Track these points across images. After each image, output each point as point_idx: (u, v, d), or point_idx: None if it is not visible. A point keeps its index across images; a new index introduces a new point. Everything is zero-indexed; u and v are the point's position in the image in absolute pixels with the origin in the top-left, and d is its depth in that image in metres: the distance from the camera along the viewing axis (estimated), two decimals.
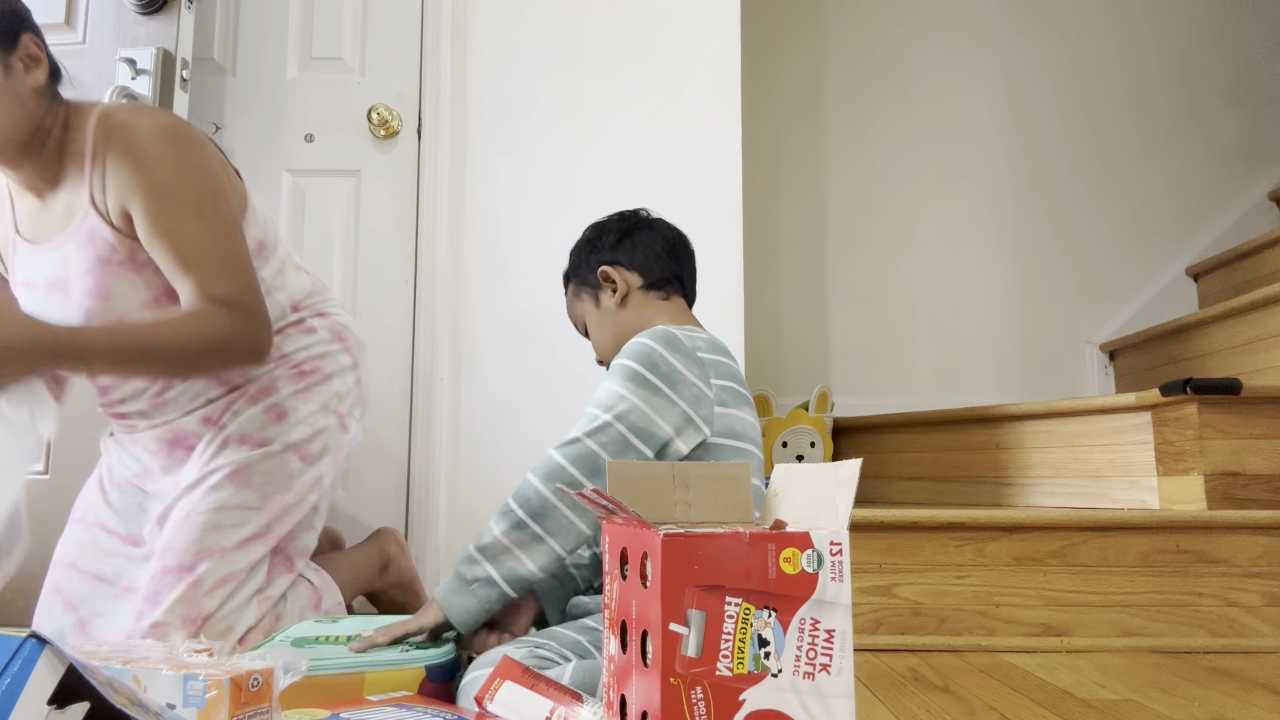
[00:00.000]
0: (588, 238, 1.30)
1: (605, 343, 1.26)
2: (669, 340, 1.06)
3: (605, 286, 1.25)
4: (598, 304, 1.26)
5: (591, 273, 1.26)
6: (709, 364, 1.08)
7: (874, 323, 2.85)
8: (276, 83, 2.01)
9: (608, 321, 1.25)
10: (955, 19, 2.93)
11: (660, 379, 1.03)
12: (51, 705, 0.48)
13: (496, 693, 0.80)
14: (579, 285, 1.29)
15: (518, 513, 0.98)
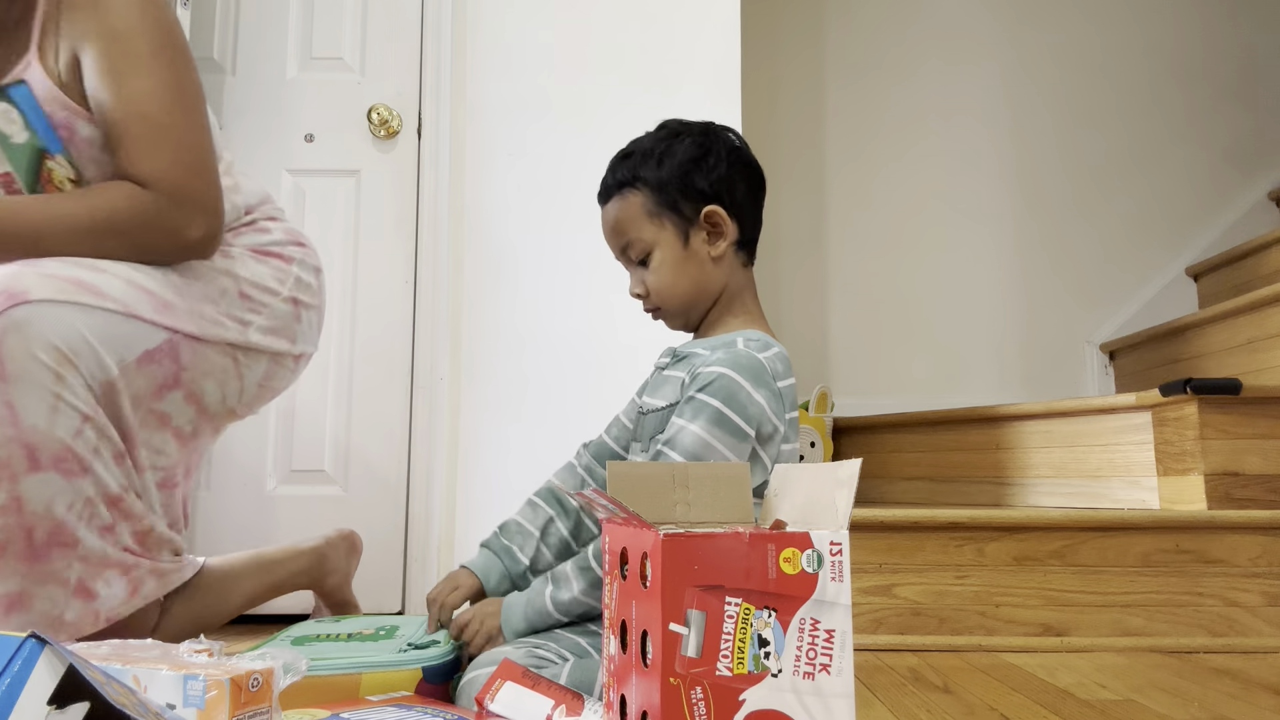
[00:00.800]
0: (691, 155, 1.05)
1: (681, 294, 1.07)
2: (757, 374, 0.97)
3: (703, 227, 1.05)
4: (685, 242, 1.05)
5: (690, 200, 1.04)
6: (785, 394, 1.00)
7: (874, 322, 2.85)
8: (276, 82, 2.00)
9: (692, 270, 1.06)
10: (955, 19, 2.93)
11: (746, 421, 0.95)
12: (51, 705, 0.48)
13: (497, 693, 0.80)
14: (661, 204, 1.05)
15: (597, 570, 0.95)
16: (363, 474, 1.91)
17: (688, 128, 1.09)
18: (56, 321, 0.97)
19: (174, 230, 1.06)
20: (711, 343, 1.08)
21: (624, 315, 1.96)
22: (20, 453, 0.95)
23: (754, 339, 1.03)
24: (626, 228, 1.06)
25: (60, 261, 1.02)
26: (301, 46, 2.03)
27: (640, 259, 1.07)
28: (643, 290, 1.08)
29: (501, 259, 2.00)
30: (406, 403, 1.93)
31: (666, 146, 1.06)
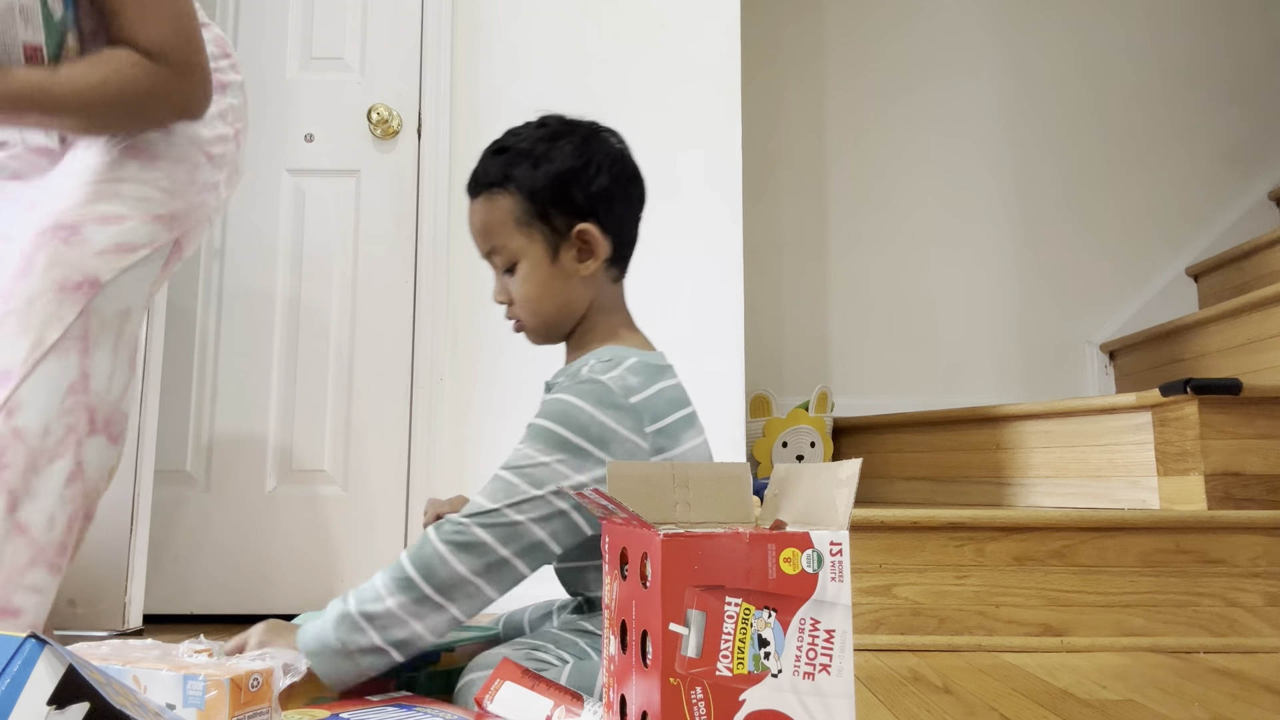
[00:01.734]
0: (571, 164, 0.98)
1: (542, 310, 1.01)
2: (600, 397, 0.92)
3: (574, 244, 0.99)
4: (555, 257, 0.99)
5: (563, 214, 0.98)
6: (643, 406, 0.94)
7: (874, 323, 2.85)
8: (276, 83, 2.00)
9: (558, 288, 1.00)
10: (955, 19, 2.93)
11: (591, 442, 0.90)
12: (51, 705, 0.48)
13: (496, 693, 0.80)
14: (532, 214, 0.98)
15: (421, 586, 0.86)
16: (363, 474, 1.91)
17: (570, 129, 1.02)
18: (116, 296, 1.07)
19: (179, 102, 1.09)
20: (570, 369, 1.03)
21: None
22: (84, 417, 1.03)
23: (604, 358, 0.97)
24: (494, 232, 1.00)
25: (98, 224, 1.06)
26: (301, 46, 2.02)
27: (507, 267, 1.01)
28: (506, 299, 1.03)
29: None
30: (406, 403, 1.93)
31: (545, 149, 0.99)
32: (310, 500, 1.89)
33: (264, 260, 1.95)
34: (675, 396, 0.99)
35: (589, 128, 1.04)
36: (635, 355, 0.98)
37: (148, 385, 1.69)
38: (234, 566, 1.86)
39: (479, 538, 0.87)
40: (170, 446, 1.86)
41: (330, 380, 1.93)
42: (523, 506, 0.88)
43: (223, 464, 1.90)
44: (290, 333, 1.94)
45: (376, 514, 1.89)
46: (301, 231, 1.97)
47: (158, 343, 1.73)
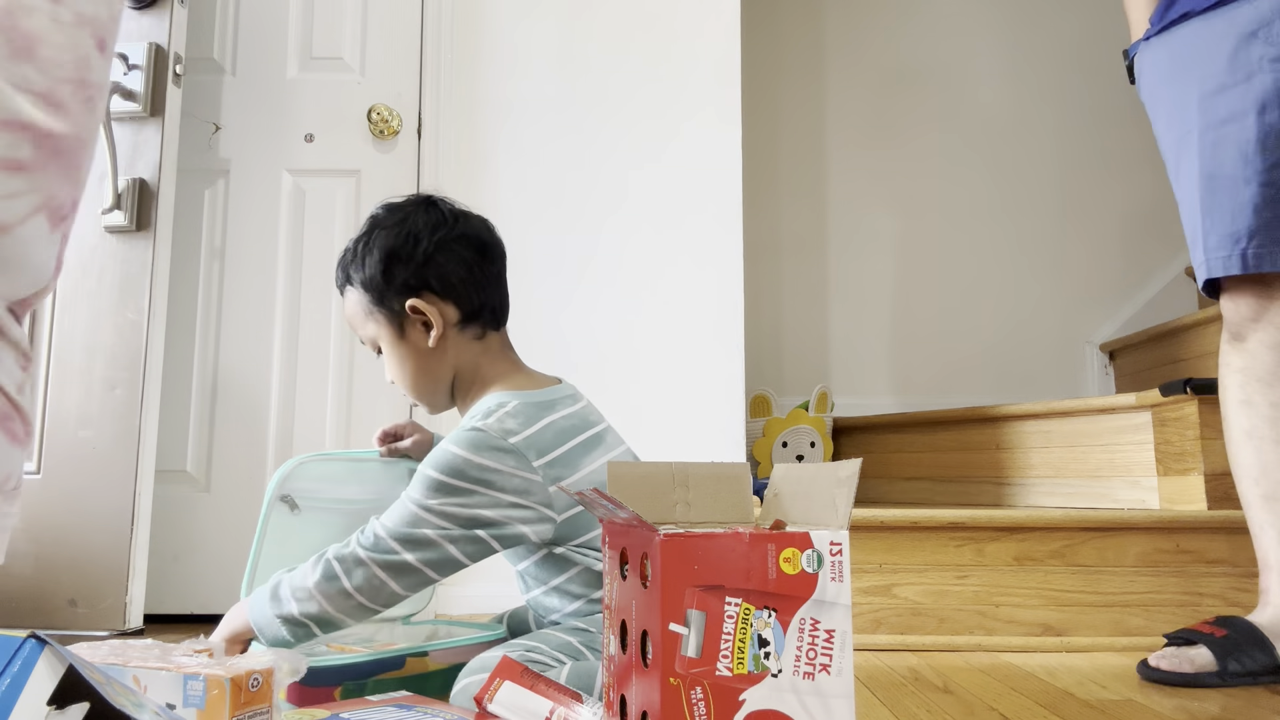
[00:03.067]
0: (389, 246, 1.04)
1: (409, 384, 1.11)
2: (476, 443, 0.97)
3: (414, 320, 1.05)
4: (402, 335, 1.06)
5: (396, 296, 1.04)
6: (526, 445, 0.98)
7: (874, 323, 2.85)
8: (276, 82, 2.00)
9: (413, 361, 1.08)
10: (955, 19, 2.93)
11: (471, 483, 0.96)
12: (51, 705, 0.48)
13: (496, 693, 0.80)
14: (374, 303, 1.05)
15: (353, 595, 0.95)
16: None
17: (390, 214, 1.07)
18: None
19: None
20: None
21: (623, 314, 1.96)
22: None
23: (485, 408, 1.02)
24: (355, 325, 1.10)
25: None
26: (301, 46, 2.02)
27: (376, 351, 1.11)
28: (389, 377, 1.12)
29: None
30: (407, 403, 1.93)
31: (366, 243, 1.06)
32: None
33: (264, 260, 1.95)
34: (566, 426, 1.03)
35: (415, 202, 1.09)
36: (516, 399, 1.02)
37: (148, 385, 1.69)
38: (234, 566, 1.86)
39: (406, 561, 0.95)
40: (170, 446, 1.86)
41: (330, 380, 1.93)
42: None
43: (223, 464, 1.90)
44: (290, 333, 1.94)
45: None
46: (301, 231, 1.97)
47: (158, 343, 1.73)
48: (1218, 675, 1.20)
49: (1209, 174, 1.26)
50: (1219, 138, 1.25)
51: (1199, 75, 1.28)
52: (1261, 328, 1.25)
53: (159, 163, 1.74)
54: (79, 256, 1.73)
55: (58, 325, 1.72)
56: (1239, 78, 1.23)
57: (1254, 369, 1.25)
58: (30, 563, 1.65)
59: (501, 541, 0.97)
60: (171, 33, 1.78)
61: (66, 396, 1.69)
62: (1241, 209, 1.23)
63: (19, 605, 1.64)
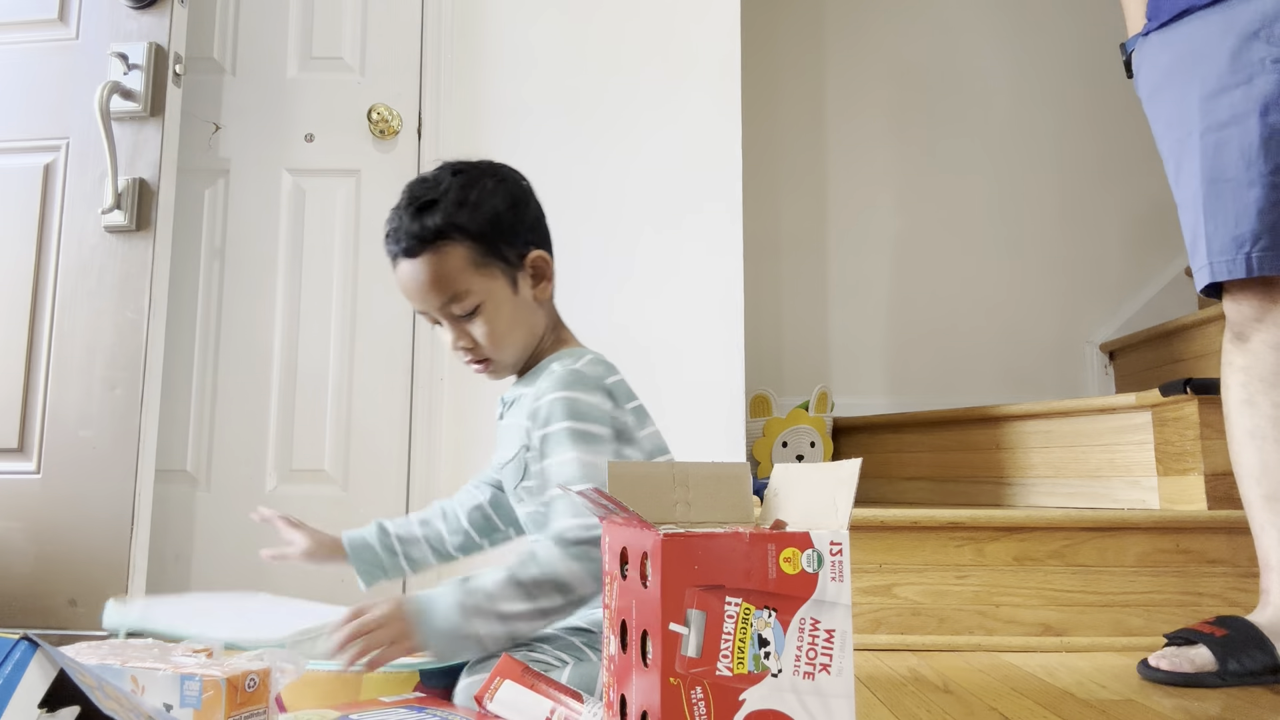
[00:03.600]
0: (506, 200, 1.02)
1: (514, 342, 1.05)
2: (583, 382, 0.98)
3: (526, 272, 1.04)
4: (515, 289, 1.03)
5: (515, 248, 1.03)
6: (616, 389, 1.02)
7: (874, 323, 2.84)
8: (276, 82, 2.00)
9: (524, 317, 1.05)
10: (957, 18, 2.93)
11: (596, 424, 0.97)
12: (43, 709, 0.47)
13: (496, 692, 0.80)
14: (487, 254, 1.01)
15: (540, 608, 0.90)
16: (363, 474, 1.90)
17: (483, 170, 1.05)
18: None
19: None
20: (530, 377, 1.08)
21: (624, 314, 1.96)
22: None
23: (565, 358, 1.05)
24: (452, 281, 1.00)
25: None
26: (301, 46, 2.02)
27: (466, 313, 1.02)
28: (468, 343, 1.04)
29: None
30: (406, 403, 1.93)
31: (476, 194, 1.01)
32: (310, 500, 1.89)
33: (264, 260, 1.95)
34: (630, 388, 1.07)
35: (495, 165, 1.08)
36: (590, 354, 1.06)
37: (148, 385, 1.69)
38: (234, 566, 1.86)
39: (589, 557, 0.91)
40: (170, 446, 1.86)
41: (330, 380, 1.93)
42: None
43: (223, 464, 1.89)
44: (290, 333, 1.93)
45: (376, 514, 1.88)
46: (301, 231, 1.97)
47: (158, 343, 1.73)
48: (1218, 675, 1.20)
49: (1211, 177, 1.25)
50: (1221, 140, 1.24)
51: (1199, 75, 1.27)
52: (1265, 328, 1.24)
53: (159, 162, 1.74)
54: (79, 256, 1.73)
55: (58, 325, 1.72)
56: (1240, 79, 1.23)
57: (1257, 369, 1.25)
58: (30, 563, 1.65)
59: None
60: (171, 32, 1.77)
61: (66, 396, 1.69)
62: (1245, 212, 1.22)
63: (19, 605, 1.63)
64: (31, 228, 1.76)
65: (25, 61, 1.80)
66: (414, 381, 1.93)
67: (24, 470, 1.69)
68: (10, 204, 1.77)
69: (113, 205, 1.69)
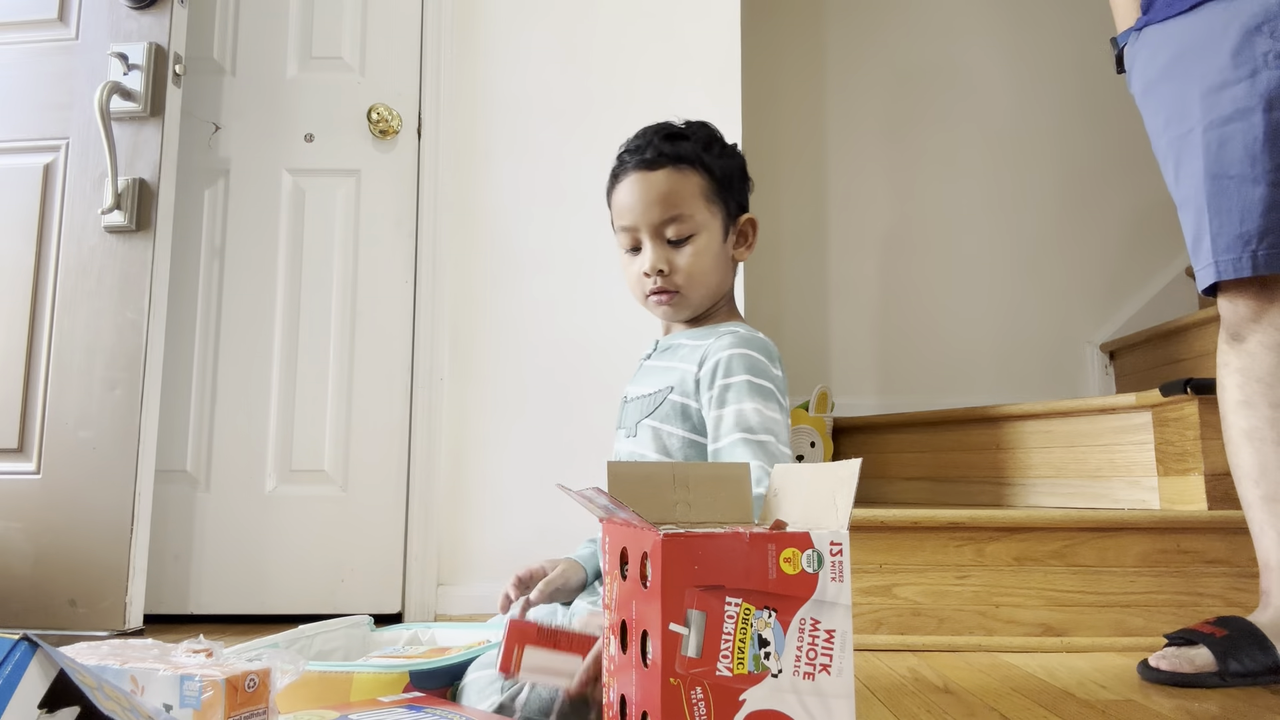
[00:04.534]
0: (741, 165, 1.14)
1: (707, 283, 1.09)
2: (768, 351, 1.06)
3: (737, 231, 1.13)
4: (725, 238, 1.11)
5: (739, 205, 1.12)
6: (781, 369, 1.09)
7: (874, 322, 2.84)
8: (276, 82, 2.00)
9: (722, 265, 1.11)
10: (956, 18, 2.93)
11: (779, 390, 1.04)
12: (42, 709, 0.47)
13: (521, 661, 0.79)
14: (719, 197, 1.09)
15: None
16: (363, 474, 1.90)
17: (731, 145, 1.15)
18: None
19: None
20: (701, 333, 1.11)
21: (624, 314, 1.96)
22: None
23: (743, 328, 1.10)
24: (681, 202, 1.06)
25: None
26: (301, 46, 2.02)
27: (680, 238, 1.06)
28: (667, 268, 1.07)
29: (501, 259, 2.00)
30: (406, 403, 1.93)
31: (723, 147, 1.11)
32: (310, 500, 1.89)
33: (264, 260, 1.95)
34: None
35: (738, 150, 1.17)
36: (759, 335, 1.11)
37: (148, 385, 1.69)
38: (234, 566, 1.86)
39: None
40: (170, 446, 1.86)
41: (330, 380, 1.93)
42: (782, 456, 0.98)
43: (223, 464, 1.89)
44: (290, 333, 1.94)
45: (376, 514, 1.89)
46: (301, 231, 1.97)
47: (158, 343, 1.73)
48: (1218, 675, 1.20)
49: (1214, 173, 1.23)
50: (1224, 135, 1.23)
51: (1200, 70, 1.25)
52: (1261, 328, 1.24)
53: (159, 163, 1.74)
54: (79, 256, 1.73)
55: (58, 325, 1.72)
56: (1243, 73, 1.21)
57: (1253, 369, 1.25)
58: (30, 563, 1.65)
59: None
60: (171, 33, 1.78)
61: (66, 396, 1.69)
62: (1250, 209, 1.21)
63: (19, 605, 1.64)
64: (31, 228, 1.76)
65: (25, 61, 1.80)
66: (414, 381, 1.93)
67: (24, 471, 1.69)
68: (10, 204, 1.77)
69: (113, 205, 1.69)
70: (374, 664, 0.94)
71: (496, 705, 0.86)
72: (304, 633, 1.11)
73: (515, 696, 0.86)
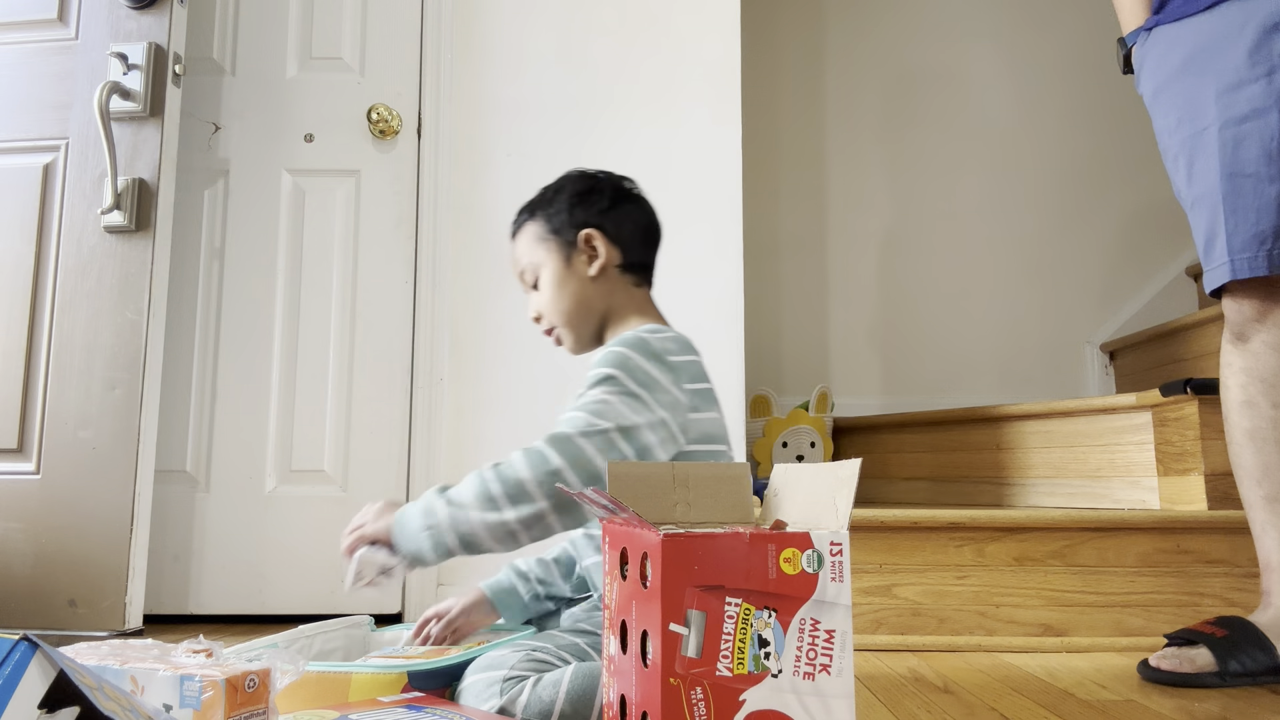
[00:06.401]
0: (577, 190, 1.18)
1: (563, 309, 1.15)
2: (644, 347, 1.03)
3: (584, 251, 1.15)
4: (568, 263, 1.15)
5: (572, 228, 1.15)
6: (680, 368, 1.05)
7: (874, 323, 2.84)
8: (276, 82, 2.00)
9: (573, 289, 1.14)
10: (956, 19, 2.93)
11: (640, 386, 1.00)
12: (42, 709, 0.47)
13: None
14: (550, 233, 1.16)
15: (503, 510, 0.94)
16: (363, 474, 1.90)
17: (581, 173, 1.21)
18: None
19: None
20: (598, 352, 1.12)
21: None
22: None
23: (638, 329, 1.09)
24: (524, 254, 1.18)
25: None
26: (301, 46, 2.02)
27: (535, 285, 1.17)
28: (535, 312, 1.17)
29: (501, 259, 1.99)
30: (406, 403, 1.93)
31: (558, 186, 1.20)
32: (310, 500, 1.89)
33: (264, 260, 1.95)
34: (705, 371, 1.11)
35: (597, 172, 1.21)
36: (672, 331, 1.11)
37: (148, 385, 1.69)
38: (234, 566, 1.86)
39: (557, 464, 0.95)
40: (170, 446, 1.86)
41: (330, 380, 1.93)
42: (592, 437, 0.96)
43: (223, 464, 1.89)
44: (290, 333, 1.93)
45: None
46: (301, 231, 1.97)
47: (158, 343, 1.73)
48: (1218, 675, 1.20)
49: (1230, 172, 1.22)
50: (1240, 134, 1.22)
51: (1215, 69, 1.24)
52: (1265, 329, 1.24)
53: (158, 163, 1.74)
54: (79, 256, 1.73)
55: (58, 325, 1.72)
56: (1260, 72, 1.21)
57: (1257, 370, 1.25)
58: (30, 563, 1.65)
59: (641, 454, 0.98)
60: (171, 33, 1.78)
61: (66, 396, 1.69)
62: (1266, 209, 1.20)
63: (19, 605, 1.63)
64: (31, 228, 1.76)
65: (25, 61, 1.80)
66: (414, 381, 1.93)
67: (24, 471, 1.69)
68: (10, 204, 1.77)
69: (112, 205, 1.69)
70: (373, 664, 0.94)
71: (497, 707, 0.86)
72: (304, 633, 1.11)
73: (516, 698, 0.86)
